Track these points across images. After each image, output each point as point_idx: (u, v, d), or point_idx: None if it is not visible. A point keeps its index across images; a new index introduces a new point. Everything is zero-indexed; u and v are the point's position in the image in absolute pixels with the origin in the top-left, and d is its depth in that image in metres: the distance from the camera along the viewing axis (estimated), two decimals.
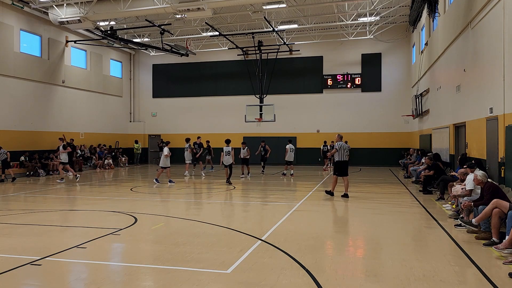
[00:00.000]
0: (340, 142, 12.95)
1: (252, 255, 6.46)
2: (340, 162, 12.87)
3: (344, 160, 12.85)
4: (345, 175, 12.89)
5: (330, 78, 27.91)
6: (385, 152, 26.78)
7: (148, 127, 31.50)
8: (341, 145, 12.86)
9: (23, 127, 21.39)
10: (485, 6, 11.30)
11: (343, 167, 12.89)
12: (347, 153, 12.96)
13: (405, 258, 6.37)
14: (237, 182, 18.05)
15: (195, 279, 5.39)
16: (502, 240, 6.65)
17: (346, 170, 12.93)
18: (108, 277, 5.65)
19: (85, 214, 10.40)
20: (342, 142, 13.02)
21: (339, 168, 12.93)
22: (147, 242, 7.54)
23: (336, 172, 13.01)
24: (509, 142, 9.25)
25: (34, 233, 8.21)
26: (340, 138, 13.13)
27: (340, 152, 12.82)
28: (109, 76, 28.99)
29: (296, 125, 28.44)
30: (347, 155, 12.96)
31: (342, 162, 12.86)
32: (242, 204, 12.08)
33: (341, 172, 12.88)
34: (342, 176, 12.88)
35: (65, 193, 14.52)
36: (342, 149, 12.84)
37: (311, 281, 5.28)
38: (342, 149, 12.83)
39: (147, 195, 14.05)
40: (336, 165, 13.03)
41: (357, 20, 23.74)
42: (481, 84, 11.87)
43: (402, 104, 26.70)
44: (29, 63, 21.99)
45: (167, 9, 19.01)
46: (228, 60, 29.48)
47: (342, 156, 12.82)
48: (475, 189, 8.80)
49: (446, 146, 16.59)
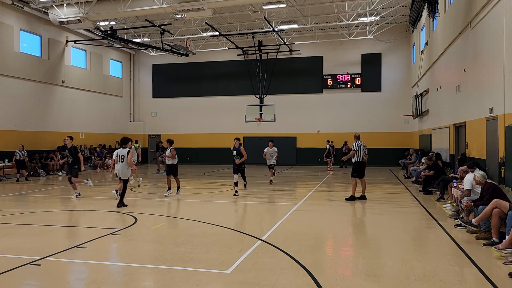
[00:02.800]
0: (358, 142, 12.49)
1: (252, 255, 6.46)
2: (359, 162, 12.44)
3: (362, 161, 12.47)
4: (363, 176, 12.50)
5: (330, 78, 27.91)
6: (385, 152, 26.77)
7: (148, 127, 31.51)
8: (359, 145, 12.46)
9: (23, 127, 21.39)
10: (485, 6, 11.30)
11: (362, 168, 12.48)
12: (365, 153, 12.58)
13: (405, 258, 6.37)
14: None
15: (195, 279, 5.39)
16: (502, 240, 6.64)
17: (364, 171, 12.53)
18: (108, 277, 5.65)
19: (85, 214, 10.40)
20: (360, 141, 12.55)
21: (358, 169, 12.46)
22: (147, 242, 7.54)
23: (354, 173, 12.49)
24: (509, 142, 9.25)
25: (34, 233, 8.21)
26: (357, 138, 12.64)
27: (358, 153, 12.41)
28: (109, 76, 28.98)
29: (296, 125, 28.44)
30: (365, 155, 12.59)
31: (361, 162, 12.45)
32: (242, 204, 12.08)
33: (360, 174, 12.44)
34: (360, 178, 12.48)
35: (65, 193, 14.52)
36: (361, 149, 12.44)
37: (311, 281, 5.28)
38: (360, 149, 12.43)
39: (147, 195, 14.05)
40: (355, 166, 12.53)
41: (357, 20, 23.74)
42: (481, 84, 11.87)
43: (402, 104, 26.70)
44: (29, 63, 22.00)
45: (167, 9, 19.01)
46: (228, 60, 29.48)
47: (361, 157, 12.43)
48: (474, 189, 8.80)
49: (446, 146, 16.59)
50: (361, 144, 12.54)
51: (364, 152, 12.53)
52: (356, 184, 12.55)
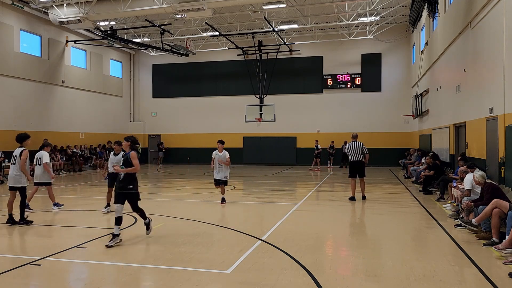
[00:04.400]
0: (349, 143, 12.64)
1: (252, 255, 6.46)
2: (353, 162, 12.53)
3: (357, 161, 12.48)
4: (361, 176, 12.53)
5: (330, 78, 27.90)
6: (385, 152, 26.75)
7: (148, 127, 31.51)
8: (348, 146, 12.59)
9: (23, 127, 21.34)
10: (485, 6, 11.30)
11: (357, 168, 12.48)
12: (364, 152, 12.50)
13: (405, 258, 6.37)
14: (237, 183, 18.04)
15: (195, 279, 5.39)
16: (502, 240, 6.65)
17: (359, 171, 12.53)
18: (108, 277, 5.65)
19: (85, 214, 10.40)
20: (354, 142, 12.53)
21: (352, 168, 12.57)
22: (147, 242, 7.54)
23: (349, 173, 12.63)
24: (509, 142, 9.25)
25: (34, 233, 8.21)
26: (352, 138, 12.71)
27: (351, 153, 12.49)
28: (109, 76, 28.98)
29: (296, 125, 28.44)
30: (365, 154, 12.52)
31: (355, 162, 12.50)
32: (242, 204, 12.08)
33: (354, 173, 12.51)
34: (360, 178, 12.52)
35: (65, 193, 14.52)
36: (352, 149, 12.46)
37: (311, 281, 5.28)
38: (352, 150, 12.47)
39: (147, 195, 14.04)
40: (350, 166, 12.68)
41: (357, 20, 23.73)
42: (481, 84, 11.87)
43: (402, 104, 26.69)
44: (29, 63, 21.99)
45: (167, 9, 19.01)
46: (228, 60, 29.47)
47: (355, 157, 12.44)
48: (474, 189, 8.80)
49: (446, 146, 16.59)
50: (352, 144, 12.48)
51: (359, 152, 12.42)
52: (355, 184, 12.57)
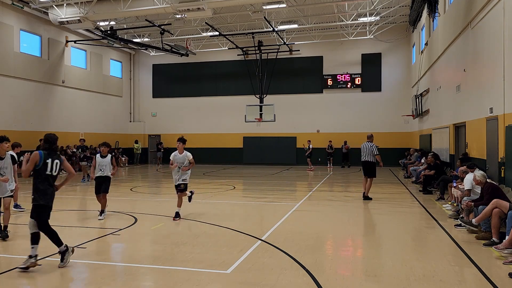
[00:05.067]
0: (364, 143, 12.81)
1: (252, 255, 6.46)
2: (363, 162, 12.72)
3: (366, 161, 12.63)
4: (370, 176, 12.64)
5: (330, 78, 27.90)
6: (385, 152, 26.61)
7: (148, 127, 31.50)
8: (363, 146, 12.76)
9: (23, 127, 21.38)
10: (485, 6, 11.30)
11: (367, 168, 12.65)
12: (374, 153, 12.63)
13: (405, 258, 6.36)
14: (237, 182, 18.05)
15: (195, 279, 5.39)
16: (502, 240, 6.64)
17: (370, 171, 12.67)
18: (108, 277, 5.65)
19: (84, 214, 10.40)
20: (367, 142, 12.75)
21: (363, 168, 12.77)
22: (147, 242, 7.54)
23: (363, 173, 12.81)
24: (509, 142, 9.25)
25: None
26: (367, 138, 12.92)
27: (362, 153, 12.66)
28: (109, 76, 28.98)
29: (296, 125, 28.43)
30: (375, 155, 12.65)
31: (365, 162, 12.66)
32: (242, 204, 12.08)
33: (365, 173, 12.70)
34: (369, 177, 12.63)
35: (65, 193, 14.51)
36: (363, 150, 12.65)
37: (311, 281, 5.28)
38: (363, 150, 12.66)
39: (147, 195, 14.05)
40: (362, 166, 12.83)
41: (357, 20, 23.74)
42: (481, 84, 11.87)
43: (402, 104, 26.68)
44: (29, 63, 21.99)
45: (167, 9, 19.01)
46: (228, 60, 29.46)
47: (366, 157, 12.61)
48: (474, 189, 8.80)
49: (446, 146, 16.58)
50: (364, 145, 12.71)
51: (368, 153, 12.55)
52: (365, 183, 12.72)
